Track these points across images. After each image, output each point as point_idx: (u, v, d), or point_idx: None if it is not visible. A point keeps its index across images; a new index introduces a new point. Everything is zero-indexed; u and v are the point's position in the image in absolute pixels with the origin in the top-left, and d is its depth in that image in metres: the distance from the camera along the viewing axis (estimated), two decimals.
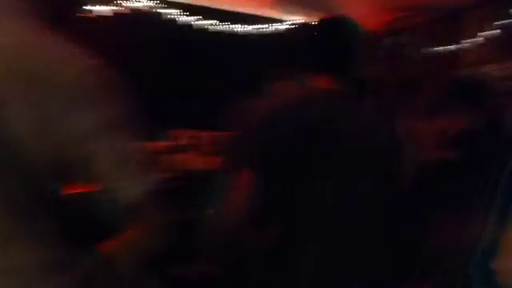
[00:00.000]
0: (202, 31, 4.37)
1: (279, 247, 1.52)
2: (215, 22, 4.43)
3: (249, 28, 4.60)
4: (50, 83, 0.84)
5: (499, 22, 3.70)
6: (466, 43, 3.92)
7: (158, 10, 4.17)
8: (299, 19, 4.56)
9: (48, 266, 0.88)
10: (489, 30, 3.76)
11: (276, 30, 4.64)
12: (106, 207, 0.93)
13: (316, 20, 1.70)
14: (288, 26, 4.61)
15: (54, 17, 0.94)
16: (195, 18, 4.34)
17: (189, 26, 4.32)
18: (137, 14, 4.05)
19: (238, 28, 4.57)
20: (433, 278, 1.82)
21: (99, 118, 0.88)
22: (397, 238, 1.64)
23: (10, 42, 0.84)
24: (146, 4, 4.11)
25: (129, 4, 4.03)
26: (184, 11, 4.27)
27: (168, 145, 3.47)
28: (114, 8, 3.92)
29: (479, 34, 3.82)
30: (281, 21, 4.68)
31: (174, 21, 4.24)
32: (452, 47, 4.04)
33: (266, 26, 4.65)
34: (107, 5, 3.89)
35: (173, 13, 4.24)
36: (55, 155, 0.86)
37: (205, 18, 4.37)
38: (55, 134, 0.85)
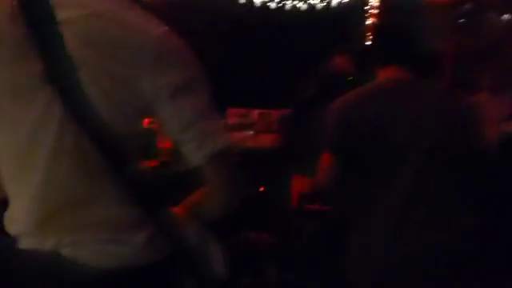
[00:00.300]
0: (264, 7, 4.28)
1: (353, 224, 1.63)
2: None
3: (312, 3, 4.46)
4: (128, 47, 0.91)
5: None
6: None
7: None
8: None
9: (127, 222, 0.96)
10: None
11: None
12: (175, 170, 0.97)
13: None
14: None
15: None
16: None
17: (250, 1, 4.25)
18: None
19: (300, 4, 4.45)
20: None
21: (174, 79, 0.92)
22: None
23: (92, 11, 0.92)
24: None
25: None
26: None
27: (224, 123, 3.48)
28: None
29: None
30: None
31: None
32: None
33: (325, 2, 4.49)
34: None
35: None
36: (127, 116, 0.92)
37: None
38: (130, 94, 0.91)
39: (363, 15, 4.03)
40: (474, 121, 1.66)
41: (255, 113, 3.73)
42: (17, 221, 0.99)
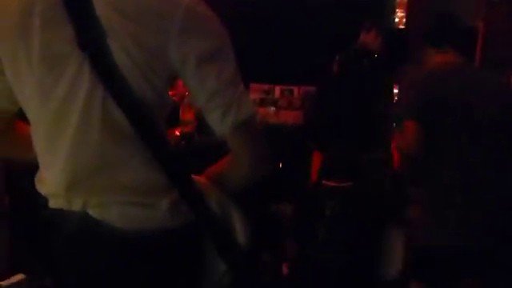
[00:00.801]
0: None
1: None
2: None
3: None
4: (157, 14, 0.91)
5: None
6: None
7: None
8: None
9: (152, 187, 0.97)
10: None
11: None
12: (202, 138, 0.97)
13: None
14: None
15: None
16: None
17: None
18: None
19: None
20: None
21: (201, 48, 0.93)
22: None
23: None
24: None
25: None
26: None
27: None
28: None
29: None
30: None
31: None
32: None
33: None
34: None
35: None
36: (154, 83, 0.92)
37: None
38: (157, 62, 0.91)
39: None
40: None
41: (278, 89, 3.70)
42: (47, 182, 1.01)
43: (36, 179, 1.05)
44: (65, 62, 0.91)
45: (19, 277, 1.96)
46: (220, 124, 0.95)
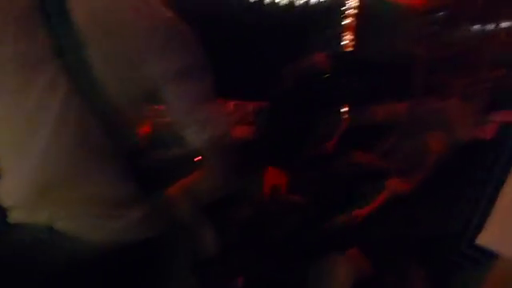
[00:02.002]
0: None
1: None
2: None
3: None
4: (136, 29, 0.92)
5: None
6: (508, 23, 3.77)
7: None
8: None
9: (122, 198, 0.97)
10: None
11: None
12: (174, 152, 0.98)
13: None
14: None
15: None
16: None
17: None
18: None
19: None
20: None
21: (180, 64, 0.95)
22: None
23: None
24: None
25: None
26: None
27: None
28: None
29: None
30: None
31: None
32: (494, 27, 3.90)
33: None
34: None
35: None
36: (130, 96, 0.94)
37: None
38: (135, 74, 0.93)
39: (342, 14, 4.11)
40: None
41: (231, 104, 3.75)
42: (11, 193, 0.99)
43: None
44: (41, 68, 0.90)
45: None
46: (196, 138, 0.98)
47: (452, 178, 1.96)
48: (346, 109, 3.26)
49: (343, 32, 3.90)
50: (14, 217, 1.00)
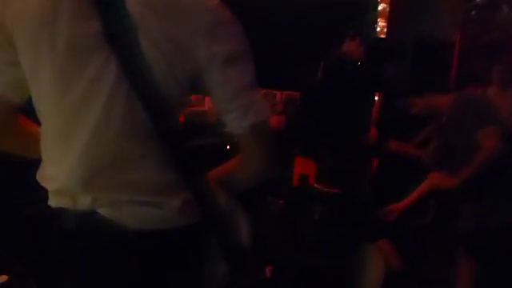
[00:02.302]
0: None
1: None
2: None
3: None
4: (186, 12, 0.92)
5: None
6: None
7: None
8: None
9: (165, 186, 0.97)
10: None
11: None
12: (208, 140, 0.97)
13: None
14: None
15: None
16: None
17: None
18: None
19: None
20: None
21: (227, 49, 0.94)
22: None
23: None
24: None
25: None
26: None
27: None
28: None
29: None
30: None
31: None
32: None
33: None
34: None
35: None
36: (176, 81, 0.93)
37: None
38: (184, 58, 0.92)
39: (375, 0, 4.02)
40: None
41: (261, 92, 3.74)
42: (55, 178, 0.99)
43: (40, 176, 1.02)
44: (90, 54, 0.90)
45: (2, 278, 1.92)
46: (238, 124, 0.97)
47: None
48: (381, 98, 3.20)
49: (376, 19, 3.81)
50: (57, 201, 1.00)
